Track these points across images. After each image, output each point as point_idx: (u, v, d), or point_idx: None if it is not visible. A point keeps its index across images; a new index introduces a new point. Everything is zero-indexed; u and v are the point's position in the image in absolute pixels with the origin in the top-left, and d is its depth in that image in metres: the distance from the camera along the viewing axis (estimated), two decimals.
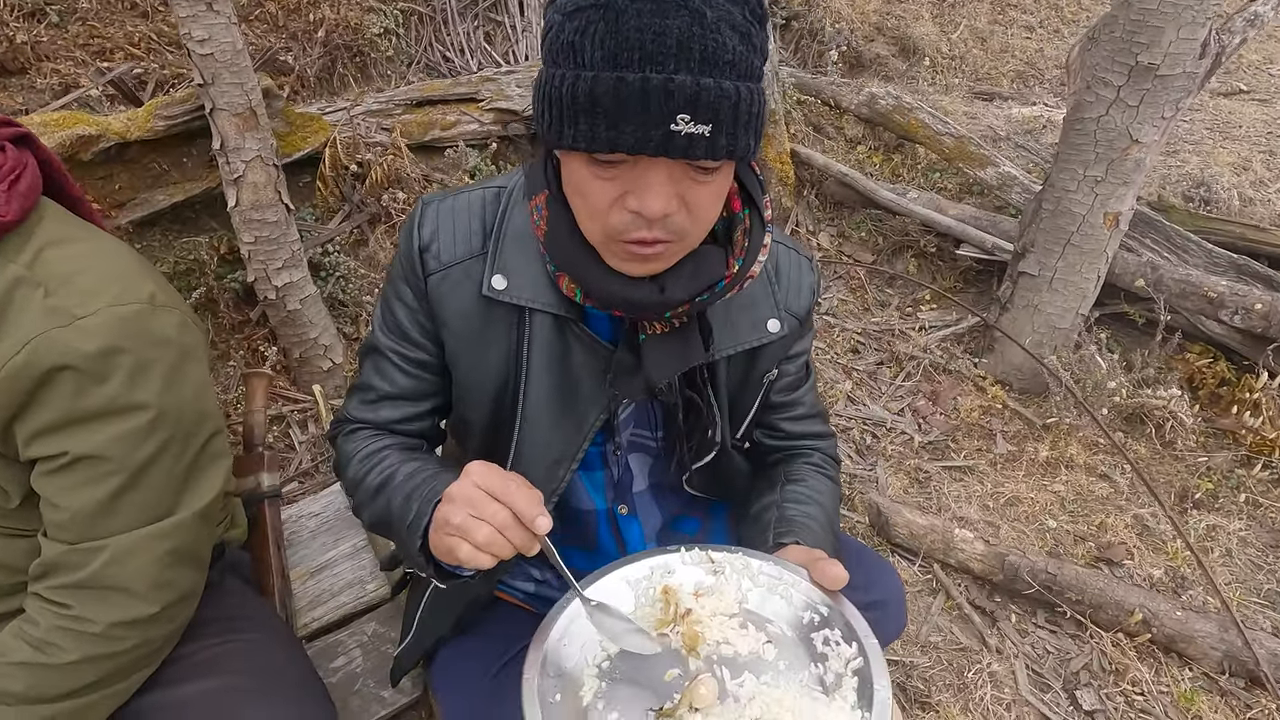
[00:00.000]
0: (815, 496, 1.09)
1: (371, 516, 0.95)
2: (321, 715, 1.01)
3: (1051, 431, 2.36)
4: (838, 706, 0.77)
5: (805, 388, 1.16)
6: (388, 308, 1.01)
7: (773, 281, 1.05)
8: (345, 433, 1.03)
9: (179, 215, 2.25)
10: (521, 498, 0.74)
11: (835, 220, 3.51)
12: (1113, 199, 2.20)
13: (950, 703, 1.57)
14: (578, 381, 0.98)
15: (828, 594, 0.87)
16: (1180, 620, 1.66)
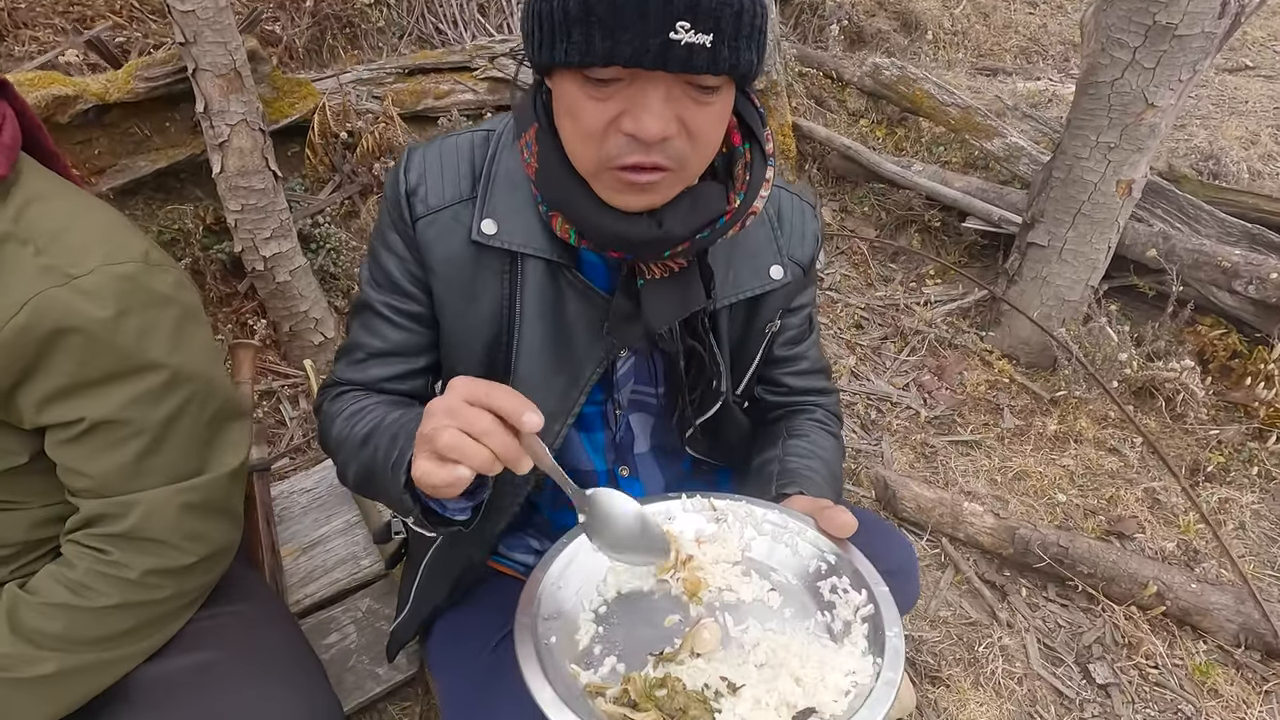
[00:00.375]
0: (818, 451, 1.05)
1: (357, 472, 0.88)
2: (316, 692, 0.96)
3: (1060, 406, 2.31)
4: (847, 652, 0.73)
5: (809, 342, 1.12)
6: (375, 260, 0.96)
7: (775, 227, 1.01)
8: (331, 397, 0.98)
9: (162, 184, 2.18)
10: (505, 396, 0.66)
11: (837, 195, 3.44)
12: (1126, 166, 2.14)
13: (961, 677, 1.53)
14: (572, 332, 0.93)
15: (835, 542, 0.83)
16: (1195, 593, 1.62)
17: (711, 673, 0.72)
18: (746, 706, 0.68)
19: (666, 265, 0.88)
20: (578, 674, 0.72)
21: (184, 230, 2.11)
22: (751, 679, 0.71)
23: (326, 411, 0.96)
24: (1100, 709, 1.49)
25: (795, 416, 1.12)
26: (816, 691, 0.69)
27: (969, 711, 1.46)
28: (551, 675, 0.68)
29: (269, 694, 0.91)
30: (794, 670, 0.71)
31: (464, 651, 1.10)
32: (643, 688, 0.69)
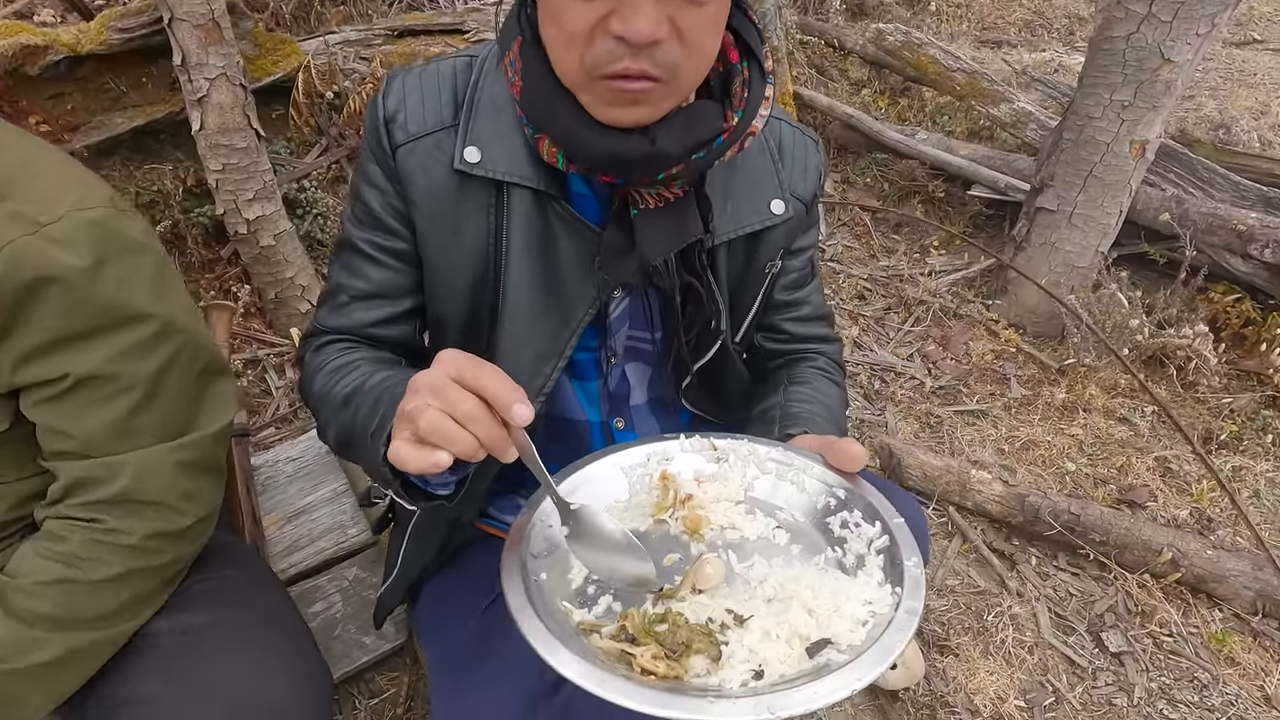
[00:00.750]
0: (821, 398, 1.00)
1: (338, 434, 0.82)
2: (307, 658, 0.90)
3: (1068, 375, 2.26)
4: (863, 583, 0.67)
5: (810, 287, 1.07)
6: (357, 196, 0.90)
7: (776, 160, 0.95)
8: (314, 347, 0.91)
9: (140, 144, 2.09)
10: (496, 381, 0.60)
11: (839, 165, 3.37)
12: (1140, 125, 2.07)
13: (970, 646, 1.48)
14: (562, 269, 0.87)
15: (845, 477, 0.77)
16: (1211, 559, 1.57)
17: (716, 607, 0.66)
18: (755, 638, 0.62)
19: (660, 194, 0.83)
20: (570, 611, 0.67)
21: (163, 192, 2.03)
22: (760, 612, 0.65)
23: (309, 364, 0.90)
24: (1114, 677, 1.44)
25: (797, 365, 1.07)
26: (831, 622, 0.63)
27: (978, 680, 1.41)
28: (541, 612, 0.62)
29: (260, 659, 0.86)
30: (806, 602, 0.65)
31: (452, 616, 1.05)
32: (641, 623, 0.64)
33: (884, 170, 3.27)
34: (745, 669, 0.60)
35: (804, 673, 0.59)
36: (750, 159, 0.93)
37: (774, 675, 0.59)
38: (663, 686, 0.58)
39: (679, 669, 0.60)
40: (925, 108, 3.49)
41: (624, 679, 0.57)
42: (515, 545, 0.70)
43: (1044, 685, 1.43)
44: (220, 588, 0.95)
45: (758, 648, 0.61)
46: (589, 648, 0.62)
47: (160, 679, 0.84)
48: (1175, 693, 1.42)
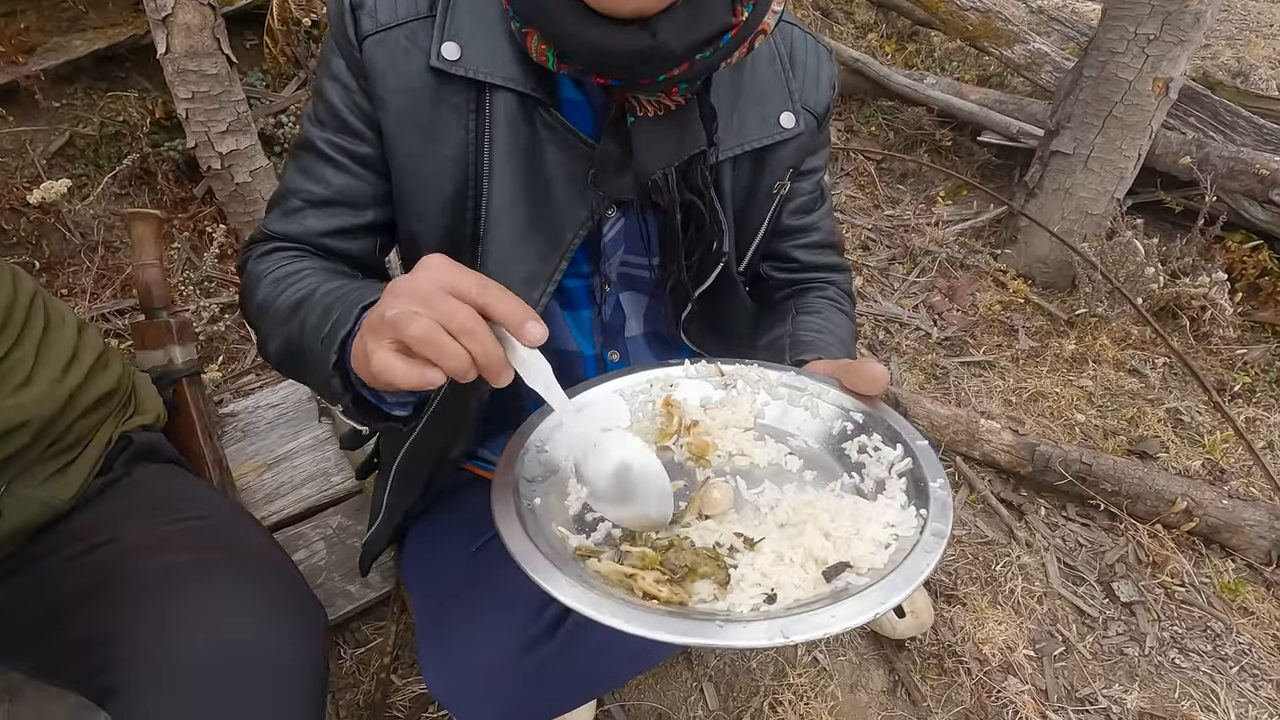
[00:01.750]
0: (831, 328, 0.93)
1: (281, 348, 0.73)
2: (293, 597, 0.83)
3: (1077, 326, 2.19)
4: (884, 505, 0.62)
5: (820, 212, 0.99)
6: (319, 94, 0.80)
7: (787, 69, 0.87)
8: (258, 254, 0.81)
9: (104, 70, 1.95)
10: (502, 297, 0.52)
11: (842, 114, 3.24)
12: (1165, 61, 1.96)
13: (978, 596, 1.44)
14: (551, 185, 0.79)
15: (863, 400, 0.72)
16: (1227, 509, 1.52)
17: (724, 532, 0.61)
18: (767, 562, 0.57)
19: (660, 101, 0.75)
20: (566, 536, 0.61)
21: (129, 123, 1.90)
22: (773, 536, 0.60)
23: (251, 271, 0.80)
24: (1125, 627, 1.40)
25: (805, 294, 0.99)
26: (850, 546, 0.58)
27: (987, 630, 1.37)
28: (534, 535, 0.56)
29: (249, 597, 0.78)
30: (822, 526, 0.60)
31: (440, 560, 0.98)
32: (643, 550, 0.58)
33: (890, 118, 3.15)
34: (756, 593, 0.54)
35: (820, 597, 0.53)
36: (759, 66, 0.84)
37: (788, 600, 0.54)
38: (666, 611, 0.52)
39: (684, 594, 0.55)
40: (934, 53, 3.36)
41: (623, 603, 0.51)
42: (508, 469, 0.64)
43: (1053, 635, 1.39)
44: (201, 528, 0.88)
45: (770, 571, 0.56)
46: (586, 573, 0.56)
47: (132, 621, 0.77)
48: (1187, 642, 1.38)
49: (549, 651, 0.85)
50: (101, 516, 0.88)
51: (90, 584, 0.81)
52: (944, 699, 1.27)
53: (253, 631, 0.75)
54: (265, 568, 0.86)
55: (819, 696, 1.25)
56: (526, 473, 0.65)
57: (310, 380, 0.70)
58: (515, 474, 0.63)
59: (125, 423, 1.00)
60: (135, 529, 0.86)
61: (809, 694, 1.25)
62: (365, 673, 1.25)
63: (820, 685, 1.27)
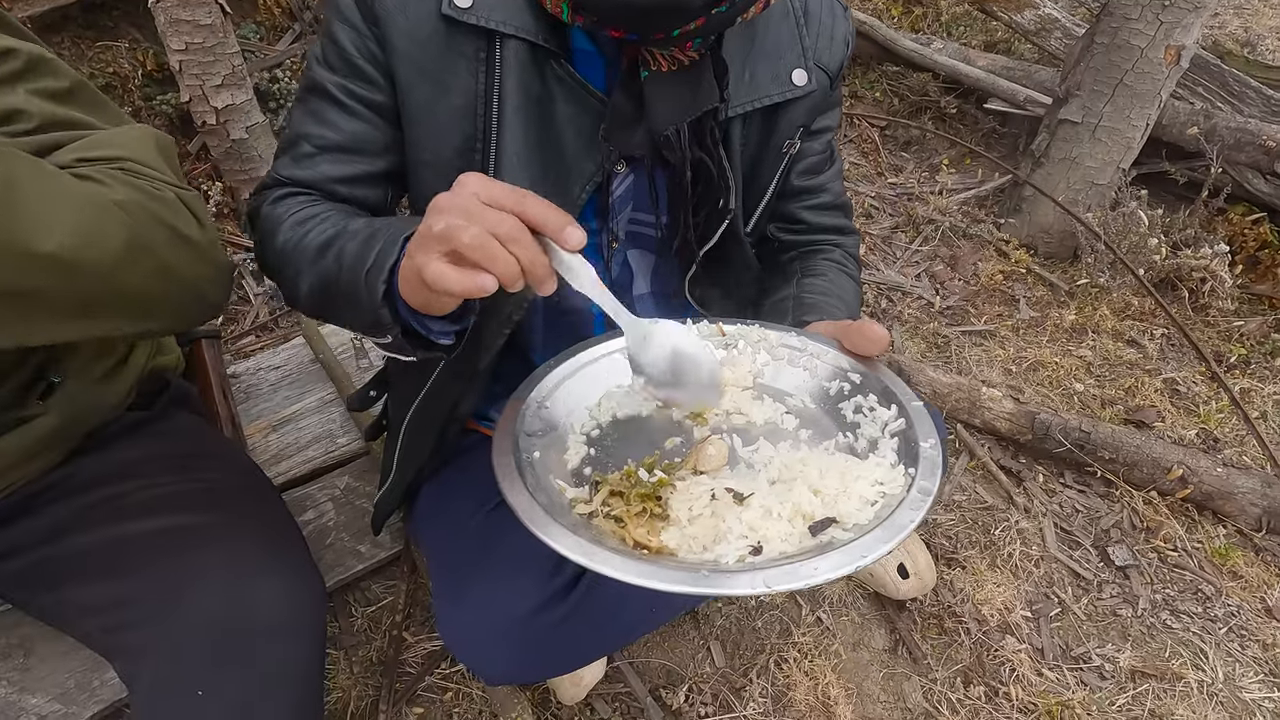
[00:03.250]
0: (837, 291, 0.93)
1: (314, 285, 0.72)
2: (295, 567, 0.84)
3: (1078, 297, 2.20)
4: (874, 463, 0.63)
5: (830, 173, 0.98)
6: (329, 38, 0.78)
7: (801, 25, 0.85)
8: (272, 199, 0.80)
9: (93, 20, 1.88)
10: (543, 206, 0.54)
11: (847, 79, 3.19)
12: (1179, 29, 1.94)
13: (977, 559, 1.47)
14: (561, 138, 0.78)
15: (862, 361, 0.73)
16: (1221, 477, 1.55)
17: (717, 487, 0.62)
18: (755, 516, 0.59)
19: (674, 55, 0.75)
20: (564, 489, 0.63)
21: (120, 75, 1.84)
22: (763, 491, 0.62)
23: (267, 215, 0.79)
24: (1119, 589, 1.44)
25: (811, 257, 1.00)
26: (838, 502, 0.60)
27: (986, 591, 1.40)
28: (532, 488, 0.58)
29: (251, 566, 0.80)
30: (812, 482, 0.62)
31: (451, 520, 1.00)
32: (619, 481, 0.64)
33: (894, 84, 3.10)
34: (743, 544, 0.57)
35: (806, 550, 0.56)
36: (773, 21, 0.83)
37: (773, 552, 0.56)
38: (654, 560, 0.55)
39: (672, 544, 0.58)
40: (940, 17, 3.30)
41: (614, 552, 0.53)
42: (509, 422, 0.66)
43: (1049, 597, 1.42)
44: (211, 489, 0.89)
45: (757, 525, 0.58)
46: (580, 523, 0.59)
47: (142, 582, 0.78)
48: (1178, 604, 1.42)
49: (562, 611, 0.87)
50: (135, 456, 0.90)
51: (109, 538, 0.82)
52: (944, 657, 1.30)
53: (262, 599, 0.77)
54: (276, 535, 0.88)
55: (822, 655, 1.28)
56: (527, 428, 0.67)
57: (348, 315, 0.70)
58: (516, 429, 0.65)
59: (153, 357, 1.01)
60: (167, 479, 0.87)
61: (813, 652, 1.28)
62: (377, 630, 1.27)
63: (824, 644, 1.30)
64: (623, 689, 1.20)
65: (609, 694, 1.19)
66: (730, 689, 1.22)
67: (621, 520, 0.60)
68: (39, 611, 0.89)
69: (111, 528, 0.82)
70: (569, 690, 1.13)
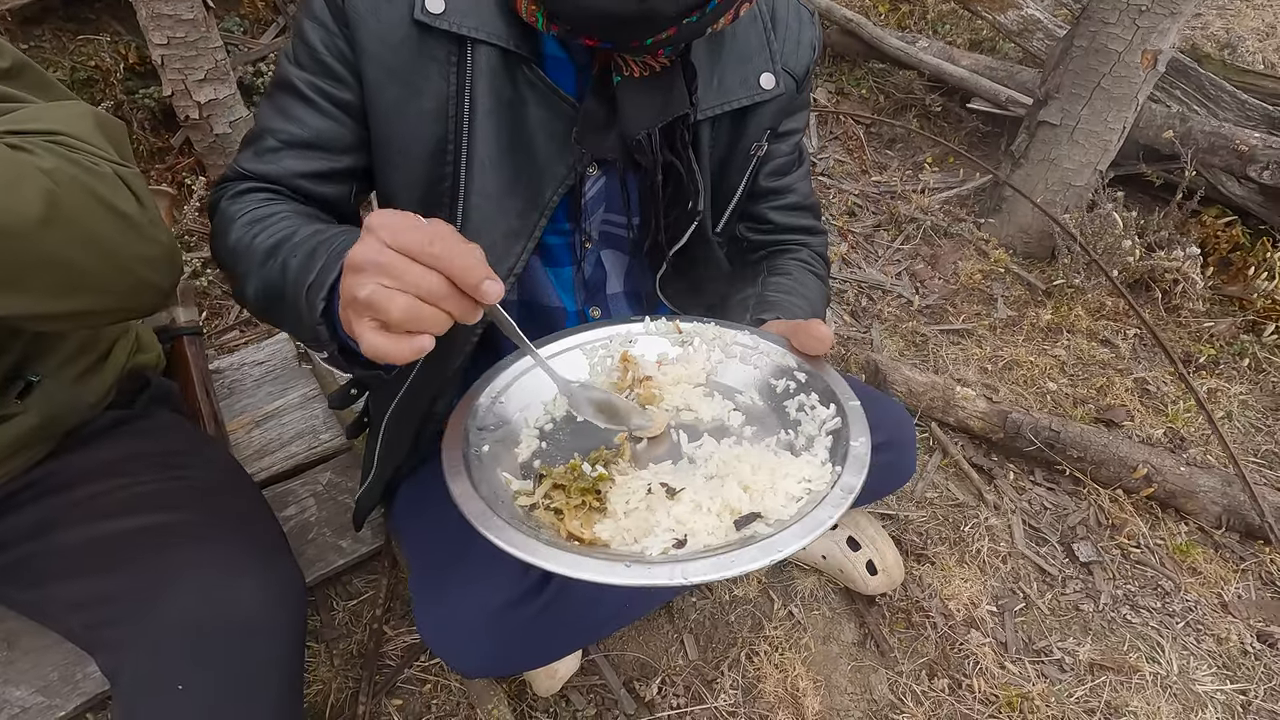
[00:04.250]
0: (800, 289, 0.96)
1: (260, 290, 0.73)
2: (274, 567, 0.86)
3: (1054, 297, 2.24)
4: (805, 461, 0.67)
5: (797, 174, 1.01)
6: (299, 36, 0.79)
7: (768, 29, 0.88)
8: (231, 193, 0.80)
9: (74, 13, 1.87)
10: (458, 256, 0.52)
11: (834, 75, 3.21)
12: (1155, 33, 1.97)
13: (946, 555, 1.51)
14: (532, 142, 0.80)
15: (809, 361, 0.76)
16: (1184, 475, 1.60)
17: (653, 482, 0.66)
18: (685, 510, 0.62)
19: (646, 62, 0.77)
20: (510, 481, 0.66)
21: (102, 69, 1.83)
22: (696, 487, 0.65)
23: (224, 211, 0.79)
24: (1082, 585, 1.49)
25: (779, 256, 1.02)
26: (764, 498, 0.63)
27: (953, 587, 1.44)
28: (477, 480, 0.62)
29: (229, 565, 0.81)
30: (743, 478, 0.65)
31: (430, 517, 1.02)
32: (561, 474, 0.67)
33: (880, 81, 3.12)
34: (669, 537, 0.60)
35: (729, 544, 0.59)
36: (740, 27, 0.85)
37: (698, 545, 0.59)
38: (582, 551, 0.58)
39: (605, 536, 0.61)
40: (926, 15, 3.31)
41: (546, 543, 0.56)
42: (459, 418, 0.69)
43: (1015, 592, 1.47)
44: (192, 487, 0.90)
45: (685, 518, 0.61)
46: (520, 514, 0.62)
47: (124, 579, 0.79)
48: (1139, 599, 1.47)
49: (536, 606, 0.89)
50: (117, 455, 0.91)
51: (91, 536, 0.83)
52: (910, 650, 1.34)
53: (241, 597, 0.78)
54: (256, 533, 0.90)
55: (793, 648, 1.31)
56: (479, 422, 0.70)
57: (290, 324, 0.71)
58: (466, 424, 0.68)
59: (133, 355, 1.02)
60: (148, 477, 0.88)
61: (784, 645, 1.31)
62: (357, 624, 1.30)
63: (794, 637, 1.33)
64: (597, 681, 1.24)
65: (584, 686, 1.23)
66: (702, 681, 1.25)
67: (560, 512, 0.63)
68: (21, 606, 0.91)
69: (93, 525, 0.84)
70: (544, 682, 1.16)
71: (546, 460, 0.70)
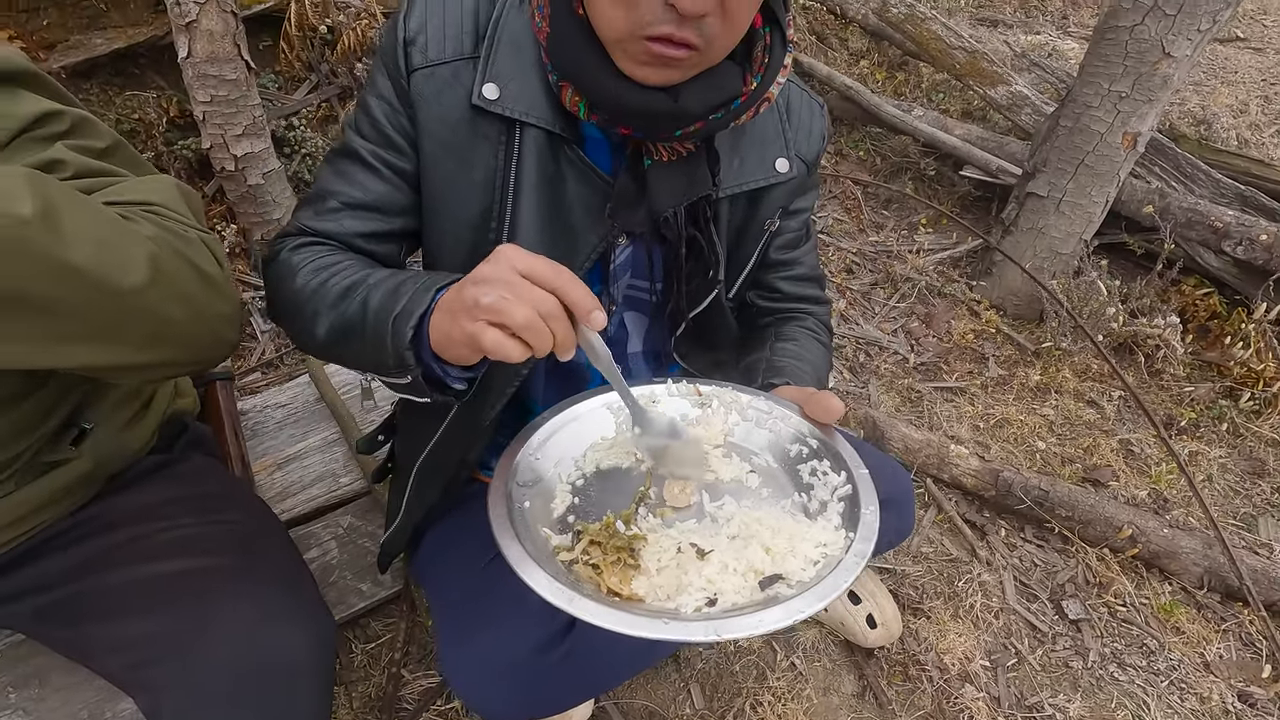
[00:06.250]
0: (806, 355, 1.04)
1: (333, 326, 0.79)
2: (314, 605, 0.91)
3: (1043, 358, 2.34)
4: (820, 527, 0.73)
5: (805, 248, 1.10)
6: (364, 110, 0.87)
7: (784, 120, 0.97)
8: (293, 246, 0.87)
9: (120, 67, 1.98)
10: (576, 287, 0.63)
11: (833, 138, 3.36)
12: (1134, 117, 2.11)
13: (942, 609, 1.57)
14: (570, 214, 0.88)
15: (820, 428, 0.82)
16: (1166, 537, 1.67)
17: (683, 540, 0.72)
18: (714, 570, 0.68)
19: (674, 148, 0.86)
20: (550, 537, 0.72)
21: (145, 121, 1.93)
22: (721, 547, 0.71)
23: (286, 260, 0.86)
24: (1071, 642, 1.54)
25: (786, 323, 1.10)
26: (785, 560, 0.69)
27: (948, 641, 1.49)
28: (522, 535, 0.67)
29: (268, 607, 0.85)
30: (765, 541, 0.71)
31: (456, 565, 1.07)
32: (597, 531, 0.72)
33: (878, 144, 3.28)
34: (701, 596, 0.65)
35: (755, 603, 0.64)
36: (760, 117, 0.94)
37: (727, 603, 0.65)
38: (624, 606, 0.63)
39: (641, 592, 0.66)
40: (921, 84, 3.50)
41: (589, 599, 0.61)
42: (503, 474, 0.74)
43: (1007, 647, 1.52)
44: (231, 531, 0.95)
45: (715, 579, 0.67)
46: (561, 570, 0.67)
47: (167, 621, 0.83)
48: (1125, 657, 1.52)
49: (559, 653, 0.94)
50: (157, 499, 0.95)
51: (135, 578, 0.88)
52: (907, 703, 1.39)
53: (281, 642, 0.82)
54: (291, 577, 0.94)
55: (795, 698, 1.36)
56: (520, 479, 0.75)
57: (368, 356, 0.76)
58: (509, 481, 0.73)
59: (173, 401, 1.08)
60: (187, 520, 0.93)
61: (786, 696, 1.36)
62: (375, 666, 1.34)
63: (797, 689, 1.38)
64: None
65: None
66: None
67: (598, 568, 0.68)
68: (59, 645, 0.94)
69: (135, 568, 0.88)
70: None
71: (580, 515, 0.75)
